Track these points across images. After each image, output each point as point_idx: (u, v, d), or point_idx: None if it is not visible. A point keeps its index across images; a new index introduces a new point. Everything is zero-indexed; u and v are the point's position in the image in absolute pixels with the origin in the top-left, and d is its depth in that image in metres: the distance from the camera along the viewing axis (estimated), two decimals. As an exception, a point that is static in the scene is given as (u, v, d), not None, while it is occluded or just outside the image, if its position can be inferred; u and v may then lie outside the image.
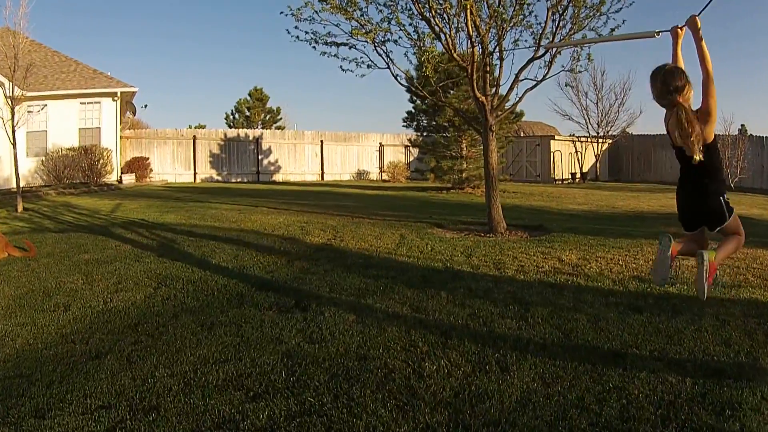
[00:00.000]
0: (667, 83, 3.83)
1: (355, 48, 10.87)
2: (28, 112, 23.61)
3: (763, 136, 28.40)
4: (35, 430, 3.14)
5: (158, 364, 4.08)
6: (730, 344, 4.28)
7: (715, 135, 3.89)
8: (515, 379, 3.68)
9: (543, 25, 10.22)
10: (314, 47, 10.84)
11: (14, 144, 19.02)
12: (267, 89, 50.40)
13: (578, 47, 10.28)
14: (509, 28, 10.41)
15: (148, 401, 3.48)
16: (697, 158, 3.71)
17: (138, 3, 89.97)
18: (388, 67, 11.08)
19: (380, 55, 10.89)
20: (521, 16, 10.32)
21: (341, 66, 11.00)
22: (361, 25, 10.41)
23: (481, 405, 3.31)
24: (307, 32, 10.86)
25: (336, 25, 10.49)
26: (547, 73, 10.36)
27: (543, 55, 10.26)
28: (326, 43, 10.81)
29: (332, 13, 10.30)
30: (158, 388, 3.65)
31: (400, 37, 10.94)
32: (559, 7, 9.90)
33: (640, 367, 3.83)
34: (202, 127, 40.21)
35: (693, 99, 3.88)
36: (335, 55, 10.83)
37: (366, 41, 10.55)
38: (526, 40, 13.72)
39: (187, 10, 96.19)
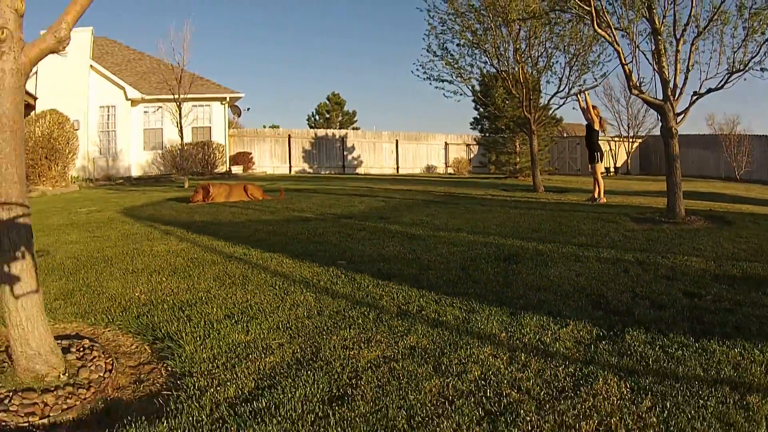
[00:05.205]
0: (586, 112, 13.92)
1: (453, 83, 20.01)
2: (144, 112, 31.71)
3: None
4: (396, 221, 11.66)
5: (422, 212, 12.81)
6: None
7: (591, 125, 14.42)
8: (536, 207, 12.50)
9: (563, 70, 19.31)
10: (430, 83, 19.99)
11: (182, 137, 25.41)
12: (343, 94, 59.42)
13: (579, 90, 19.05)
14: (543, 73, 19.62)
15: (433, 216, 12.12)
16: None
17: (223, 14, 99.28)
18: (473, 96, 20.55)
19: (469, 88, 20.09)
20: (550, 66, 19.53)
21: (444, 94, 20.21)
22: (459, 73, 19.53)
23: (517, 204, 12.15)
24: (425, 72, 20.00)
25: (446, 73, 19.70)
26: (564, 101, 19.56)
27: (561, 91, 19.34)
28: (436, 80, 19.93)
29: (444, 65, 19.51)
30: (430, 214, 12.36)
31: (478, 79, 20.45)
32: (572, 61, 18.88)
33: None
34: (276, 127, 46.94)
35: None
36: (442, 88, 20.01)
37: (461, 82, 19.78)
38: (554, 82, 22.78)
39: (272, 18, 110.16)
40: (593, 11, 10.89)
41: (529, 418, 3.04)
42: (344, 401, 3.39)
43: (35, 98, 27.28)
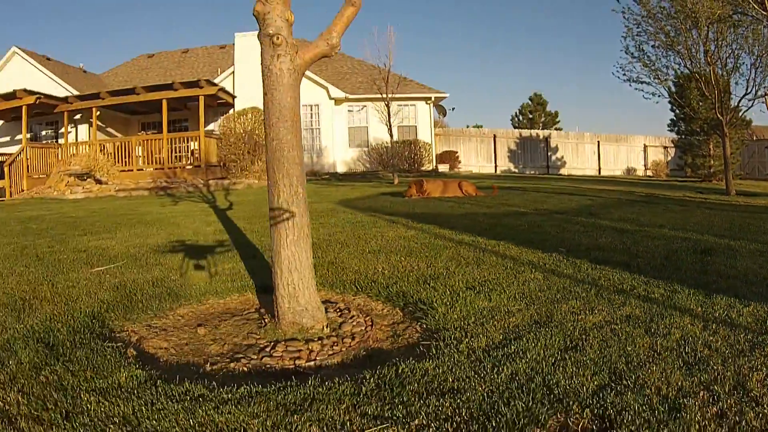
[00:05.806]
0: None
1: (651, 85, 20.12)
2: (348, 111, 31.70)
3: None
4: (605, 217, 12.35)
5: (628, 210, 13.65)
6: None
7: None
8: (728, 209, 12.60)
9: (749, 72, 19.08)
10: (629, 85, 20.35)
11: (391, 136, 24.73)
12: (545, 94, 58.97)
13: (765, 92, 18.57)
14: (732, 75, 19.46)
15: (638, 214, 12.85)
16: None
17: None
18: (669, 97, 21.05)
19: (665, 89, 20.22)
20: (737, 67, 19.38)
21: (643, 96, 20.41)
22: (656, 75, 19.57)
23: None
24: (624, 74, 20.34)
25: (645, 75, 19.80)
26: (752, 103, 19.35)
27: (749, 93, 19.13)
28: (635, 81, 20.09)
29: (642, 67, 19.60)
30: (634, 212, 13.10)
31: (673, 80, 20.42)
32: (757, 63, 18.65)
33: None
34: (480, 126, 46.74)
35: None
36: (641, 90, 20.33)
37: (659, 83, 19.78)
38: (742, 83, 22.41)
39: (475, 20, 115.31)
40: (768, 15, 10.88)
41: (716, 368, 3.86)
42: (576, 350, 4.14)
43: (234, 97, 28.59)
